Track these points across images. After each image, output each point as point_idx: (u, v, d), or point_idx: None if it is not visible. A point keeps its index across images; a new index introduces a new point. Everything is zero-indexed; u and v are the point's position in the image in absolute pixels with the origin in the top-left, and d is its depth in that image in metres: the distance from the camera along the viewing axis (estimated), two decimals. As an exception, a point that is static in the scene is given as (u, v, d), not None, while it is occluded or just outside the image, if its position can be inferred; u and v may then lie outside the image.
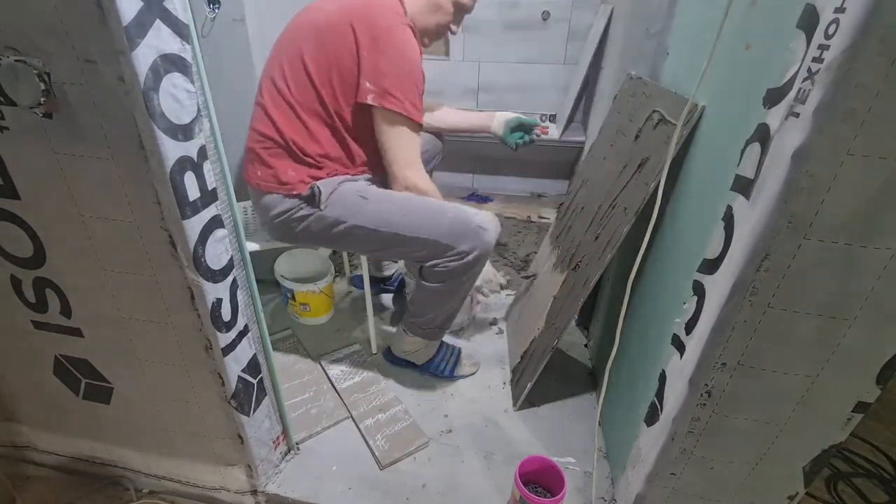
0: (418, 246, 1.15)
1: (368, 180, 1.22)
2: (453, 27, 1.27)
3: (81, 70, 0.65)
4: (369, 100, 1.08)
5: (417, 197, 1.18)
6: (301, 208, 1.15)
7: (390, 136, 1.12)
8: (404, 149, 1.14)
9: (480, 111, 1.63)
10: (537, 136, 1.49)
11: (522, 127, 1.46)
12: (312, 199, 1.14)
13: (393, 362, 1.44)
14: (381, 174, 1.24)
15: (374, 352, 1.50)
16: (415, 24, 1.16)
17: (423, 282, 1.22)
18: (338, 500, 1.07)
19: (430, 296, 1.24)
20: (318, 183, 1.13)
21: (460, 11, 1.25)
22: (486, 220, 1.17)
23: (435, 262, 1.16)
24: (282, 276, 1.56)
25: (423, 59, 1.15)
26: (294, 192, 1.14)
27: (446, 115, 1.53)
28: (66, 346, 0.94)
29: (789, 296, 0.64)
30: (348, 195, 1.15)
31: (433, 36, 1.27)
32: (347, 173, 1.18)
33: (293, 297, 1.56)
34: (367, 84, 1.07)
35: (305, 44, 1.10)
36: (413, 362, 1.40)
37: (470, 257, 1.14)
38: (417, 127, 1.13)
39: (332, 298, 1.65)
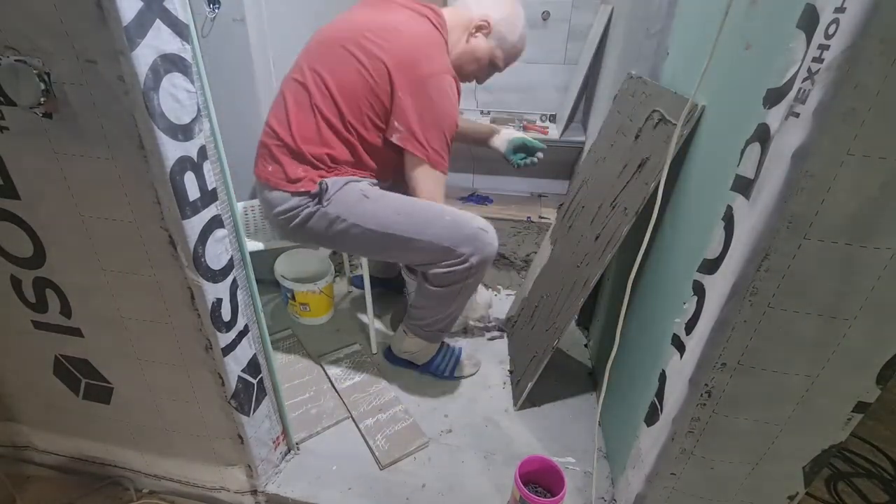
0: (417, 249, 1.15)
1: (373, 183, 1.22)
2: (480, 79, 1.35)
3: (81, 70, 0.65)
4: (394, 139, 1.14)
5: (419, 200, 1.18)
6: (306, 206, 1.15)
7: (414, 176, 1.18)
8: (426, 190, 1.19)
9: (482, 123, 1.61)
10: (539, 158, 1.46)
11: (525, 148, 1.45)
12: (318, 195, 1.14)
13: (393, 362, 1.44)
14: (389, 180, 1.25)
15: (374, 352, 1.50)
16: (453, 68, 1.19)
17: (427, 285, 1.22)
18: (338, 500, 1.07)
19: (432, 299, 1.24)
20: (327, 180, 1.14)
21: (492, 68, 1.32)
22: (485, 223, 1.19)
23: (437, 266, 1.17)
24: (282, 276, 1.56)
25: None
26: (302, 190, 1.15)
27: None
28: (66, 346, 0.94)
29: (789, 296, 0.64)
30: (351, 193, 1.16)
31: (464, 81, 1.30)
32: (355, 174, 1.19)
33: (293, 297, 1.56)
34: (396, 124, 1.14)
35: (341, 64, 1.12)
36: (413, 362, 1.40)
37: (473, 260, 1.15)
38: (440, 172, 1.18)
39: (332, 298, 1.65)
